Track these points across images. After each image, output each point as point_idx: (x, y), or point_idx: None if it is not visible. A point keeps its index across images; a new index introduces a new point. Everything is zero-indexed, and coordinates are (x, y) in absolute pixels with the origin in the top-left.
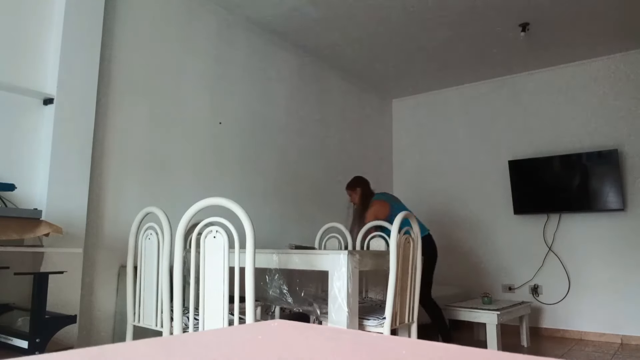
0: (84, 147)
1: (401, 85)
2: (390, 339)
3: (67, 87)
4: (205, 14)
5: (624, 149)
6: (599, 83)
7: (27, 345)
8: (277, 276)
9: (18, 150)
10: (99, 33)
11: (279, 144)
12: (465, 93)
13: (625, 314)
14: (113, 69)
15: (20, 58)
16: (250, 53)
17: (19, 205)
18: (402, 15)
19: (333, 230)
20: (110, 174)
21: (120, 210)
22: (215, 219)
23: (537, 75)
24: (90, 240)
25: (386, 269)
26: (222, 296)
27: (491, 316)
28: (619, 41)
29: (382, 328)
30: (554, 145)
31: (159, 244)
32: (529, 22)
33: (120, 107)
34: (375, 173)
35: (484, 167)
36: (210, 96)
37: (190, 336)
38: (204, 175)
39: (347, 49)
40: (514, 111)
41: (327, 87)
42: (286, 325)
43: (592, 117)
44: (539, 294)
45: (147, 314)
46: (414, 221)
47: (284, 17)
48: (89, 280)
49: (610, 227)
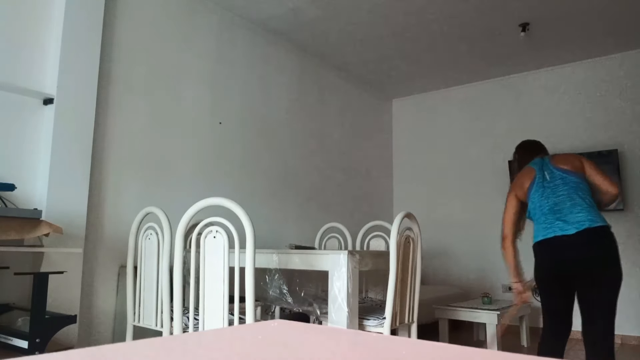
0: (84, 147)
1: (401, 85)
2: (390, 339)
3: (67, 87)
4: (205, 14)
5: (624, 149)
6: (599, 83)
7: (27, 345)
8: (277, 276)
9: (18, 150)
10: (99, 33)
11: (279, 144)
12: (465, 93)
13: (625, 314)
14: (113, 69)
15: (20, 58)
16: (250, 53)
17: (19, 205)
18: (402, 15)
19: (333, 230)
20: (110, 174)
21: (120, 210)
22: (215, 219)
23: (537, 75)
24: (90, 240)
25: (386, 269)
26: (222, 296)
27: (491, 316)
28: (618, 41)
29: (382, 328)
30: (554, 145)
31: (159, 244)
32: (529, 22)
33: (120, 107)
34: (375, 173)
35: (483, 167)
36: (210, 96)
37: (190, 336)
38: (204, 175)
39: (347, 49)
40: (513, 111)
41: (327, 87)
42: (286, 325)
43: (592, 117)
44: (539, 294)
45: (147, 314)
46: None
47: (284, 17)
48: (89, 280)
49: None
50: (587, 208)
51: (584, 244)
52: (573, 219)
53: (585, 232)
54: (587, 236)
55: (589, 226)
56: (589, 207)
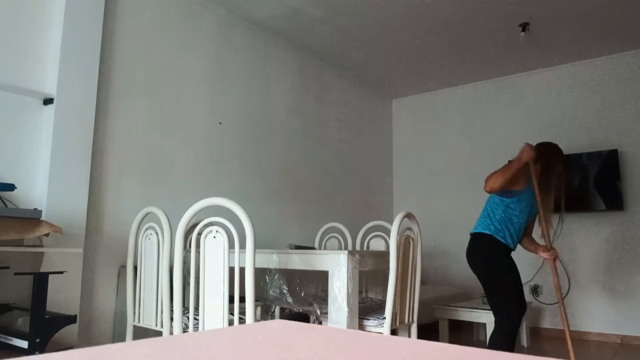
0: (84, 147)
1: (401, 85)
2: (390, 339)
3: (67, 87)
4: (205, 14)
5: (624, 149)
6: (599, 83)
7: (27, 345)
8: (277, 276)
9: (18, 150)
10: (99, 33)
11: (279, 143)
12: (465, 93)
13: (625, 314)
14: (113, 69)
15: (20, 58)
16: (250, 53)
17: (19, 205)
18: (402, 15)
19: (333, 230)
20: (110, 174)
21: (120, 210)
22: (215, 219)
23: (537, 75)
24: (90, 240)
25: (386, 269)
26: (222, 296)
27: (491, 316)
28: (618, 41)
29: (382, 328)
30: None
31: (159, 244)
32: (529, 22)
33: (120, 107)
34: (375, 173)
35: (483, 167)
36: (210, 96)
37: (190, 336)
38: (204, 175)
39: (347, 49)
40: (513, 111)
41: (327, 87)
42: (286, 325)
43: (592, 117)
44: (539, 294)
45: (147, 314)
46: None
47: (284, 17)
48: (89, 280)
49: (610, 227)
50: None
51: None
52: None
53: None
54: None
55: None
56: (481, 217)
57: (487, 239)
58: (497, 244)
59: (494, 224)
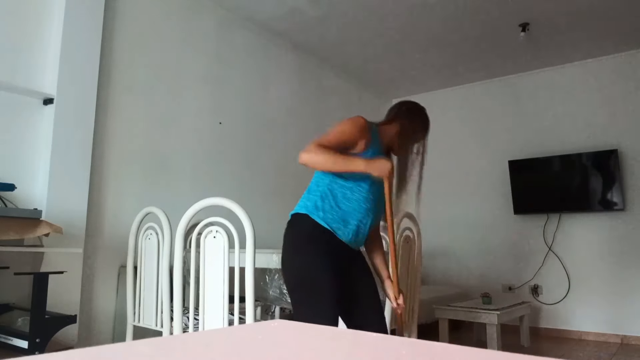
0: (84, 147)
1: (401, 85)
2: (390, 339)
3: (67, 87)
4: (205, 14)
5: (624, 149)
6: (599, 83)
7: (27, 345)
8: (277, 276)
9: (18, 150)
10: (99, 33)
11: (279, 144)
12: (465, 93)
13: (625, 314)
14: (113, 69)
15: (20, 58)
16: (250, 53)
17: (19, 205)
18: (402, 15)
19: None
20: (110, 174)
21: (120, 210)
22: (215, 219)
23: (537, 75)
24: (90, 240)
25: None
26: (222, 296)
27: (491, 316)
28: (618, 41)
29: None
30: (553, 145)
31: (159, 244)
32: (529, 22)
33: (120, 107)
34: None
35: (483, 167)
36: (210, 96)
37: (190, 336)
38: (204, 175)
39: (347, 49)
40: (513, 111)
41: (327, 86)
42: (286, 325)
43: (592, 117)
44: (539, 294)
45: (147, 314)
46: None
47: (284, 17)
48: (89, 280)
49: (610, 227)
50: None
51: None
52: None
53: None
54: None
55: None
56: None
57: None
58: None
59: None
